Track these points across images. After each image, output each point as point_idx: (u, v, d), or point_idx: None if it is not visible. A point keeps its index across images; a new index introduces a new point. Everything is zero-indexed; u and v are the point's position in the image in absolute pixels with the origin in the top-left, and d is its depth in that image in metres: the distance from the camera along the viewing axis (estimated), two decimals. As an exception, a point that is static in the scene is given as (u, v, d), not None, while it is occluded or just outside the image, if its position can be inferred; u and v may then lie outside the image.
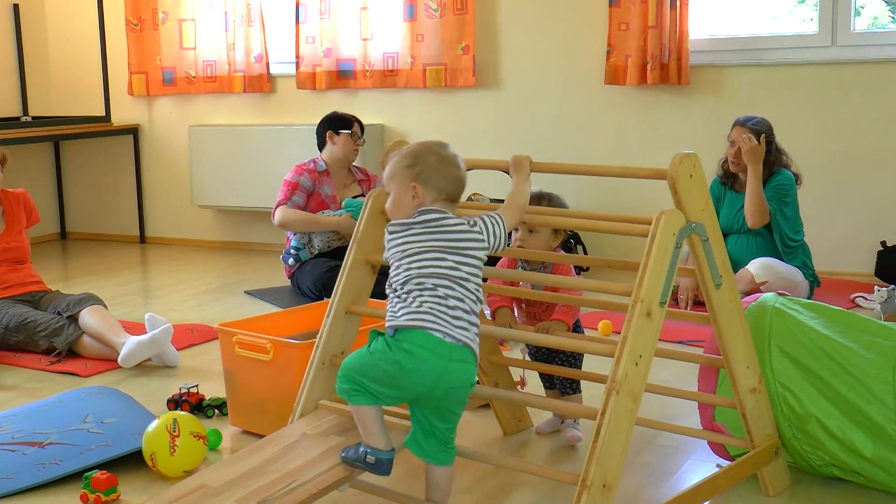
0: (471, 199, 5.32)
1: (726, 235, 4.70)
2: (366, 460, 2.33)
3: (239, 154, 6.44)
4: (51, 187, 7.19)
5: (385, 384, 2.28)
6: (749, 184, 4.62)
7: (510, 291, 2.89)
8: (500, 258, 2.92)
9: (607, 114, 5.73)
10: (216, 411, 3.33)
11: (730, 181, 4.84)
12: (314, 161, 5.12)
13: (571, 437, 3.01)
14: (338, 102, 6.13)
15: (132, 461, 2.87)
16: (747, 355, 2.52)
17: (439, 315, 2.25)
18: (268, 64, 6.44)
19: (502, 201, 2.52)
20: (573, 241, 5.51)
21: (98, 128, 6.79)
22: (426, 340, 2.24)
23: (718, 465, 2.78)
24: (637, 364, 2.20)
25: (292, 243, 5.06)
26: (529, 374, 3.11)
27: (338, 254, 4.88)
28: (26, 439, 2.94)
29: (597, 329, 4.22)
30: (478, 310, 2.32)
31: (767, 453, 2.61)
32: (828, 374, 2.58)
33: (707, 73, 5.51)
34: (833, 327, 2.67)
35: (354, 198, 5.06)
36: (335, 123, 5.13)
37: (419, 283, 2.28)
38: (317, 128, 5.18)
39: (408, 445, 2.37)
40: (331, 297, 2.71)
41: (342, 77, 6.22)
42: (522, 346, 3.10)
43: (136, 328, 4.16)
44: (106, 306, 4.21)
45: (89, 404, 3.18)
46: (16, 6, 6.88)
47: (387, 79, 6.11)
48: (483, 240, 2.34)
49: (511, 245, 2.91)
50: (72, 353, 4.04)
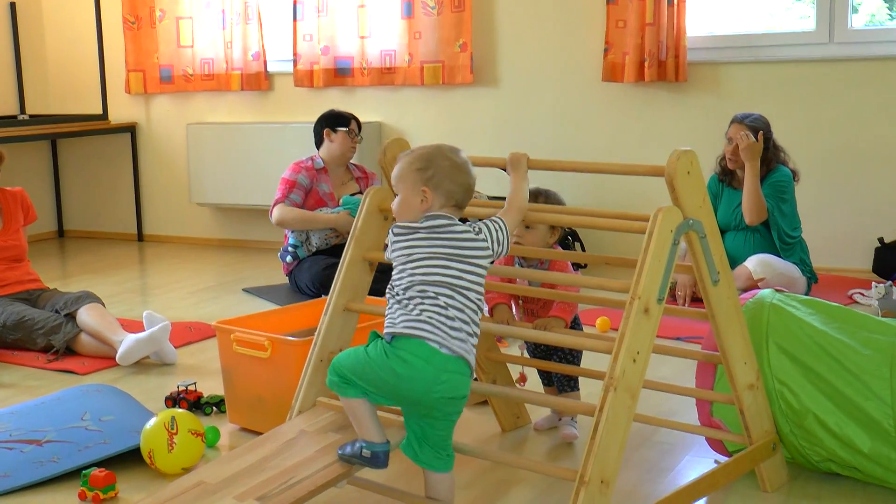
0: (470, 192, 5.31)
1: (724, 232, 4.71)
2: (361, 455, 2.34)
3: (237, 152, 6.44)
4: (48, 185, 7.19)
5: (378, 388, 2.29)
6: (747, 181, 4.62)
7: (508, 289, 2.89)
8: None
9: (605, 111, 5.73)
10: (214, 409, 3.33)
11: (727, 178, 4.84)
12: (312, 159, 5.13)
13: (567, 434, 3.02)
14: (335, 100, 6.13)
15: (130, 459, 2.87)
16: (745, 352, 2.53)
17: (437, 325, 2.24)
18: (265, 62, 6.44)
19: (500, 198, 2.52)
20: (571, 238, 5.51)
21: (95, 126, 6.79)
22: (422, 350, 2.23)
23: (716, 462, 2.79)
24: (635, 361, 2.20)
25: (290, 241, 5.07)
26: (528, 371, 3.11)
27: (335, 251, 4.88)
28: (24, 437, 2.94)
29: (595, 326, 4.22)
30: (478, 319, 2.31)
31: (765, 449, 2.62)
32: (825, 371, 2.59)
33: (704, 70, 5.51)
34: (830, 324, 2.67)
35: (352, 195, 5.07)
36: (332, 121, 5.13)
37: (421, 291, 2.26)
38: (314, 125, 5.18)
39: (404, 451, 2.37)
40: (328, 294, 2.71)
41: (340, 75, 6.22)
42: (521, 342, 3.10)
43: (133, 326, 4.16)
44: (104, 304, 4.21)
45: (87, 402, 3.18)
46: (13, 4, 6.87)
47: (384, 76, 6.10)
48: (487, 247, 2.33)
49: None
50: (69, 350, 4.04)
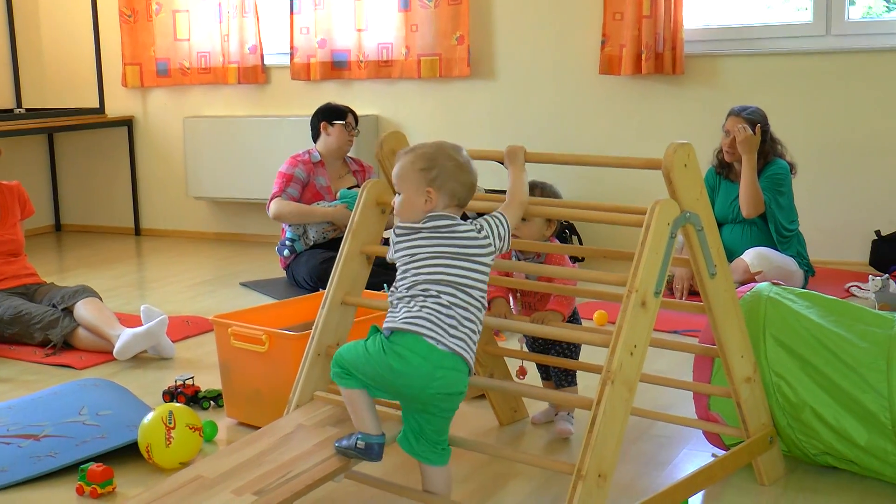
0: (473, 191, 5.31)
1: (721, 225, 4.71)
2: (356, 446, 2.34)
3: (233, 145, 6.43)
4: (45, 179, 7.17)
5: (376, 382, 2.30)
6: (744, 174, 4.62)
7: (505, 282, 2.89)
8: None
9: (602, 104, 5.72)
10: (212, 403, 3.33)
11: (725, 171, 4.83)
12: (309, 152, 5.12)
13: (562, 430, 3.01)
14: (332, 93, 6.12)
15: (128, 453, 2.87)
16: (742, 345, 2.53)
17: (436, 322, 2.24)
18: (262, 55, 6.43)
19: (497, 191, 2.52)
20: (568, 232, 5.51)
21: (92, 120, 6.77)
22: (418, 346, 2.23)
23: (713, 455, 2.79)
24: (632, 354, 2.20)
25: (287, 234, 5.06)
26: (527, 365, 3.11)
27: (333, 245, 4.87)
28: (22, 432, 2.94)
29: (592, 319, 4.22)
30: (482, 317, 2.31)
31: (762, 442, 2.62)
32: (822, 363, 2.59)
33: (701, 62, 5.51)
34: (827, 316, 2.67)
35: (349, 189, 5.06)
36: (329, 114, 5.12)
37: (424, 290, 2.26)
38: (311, 119, 5.17)
39: (400, 444, 2.38)
40: (326, 288, 2.71)
41: (337, 68, 6.21)
42: (520, 335, 3.10)
43: (131, 320, 4.16)
44: (101, 298, 4.20)
45: (85, 396, 3.18)
46: (9, -2, 6.86)
47: (381, 69, 6.10)
48: (490, 244, 2.33)
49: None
50: (67, 345, 4.04)
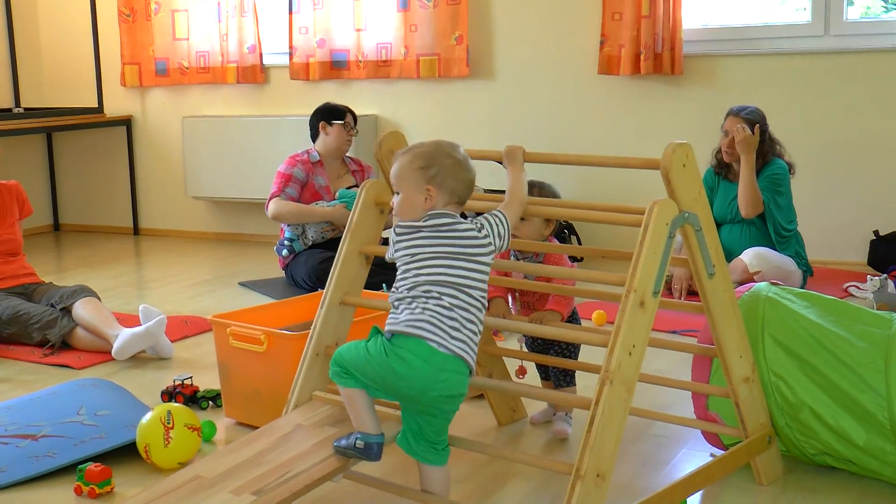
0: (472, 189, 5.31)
1: (720, 225, 4.71)
2: (355, 446, 2.33)
3: (232, 145, 6.43)
4: (43, 179, 7.17)
5: (377, 383, 2.29)
6: (742, 174, 4.62)
7: (504, 282, 2.89)
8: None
9: (601, 104, 5.72)
10: (210, 403, 3.33)
11: (723, 171, 4.83)
12: (308, 152, 5.12)
13: (559, 430, 3.01)
14: (331, 93, 6.12)
15: (126, 453, 2.87)
16: (741, 345, 2.53)
17: (438, 325, 2.23)
18: (261, 55, 6.42)
19: (497, 191, 2.52)
20: (567, 232, 5.51)
21: (91, 119, 6.77)
22: (421, 349, 2.23)
23: (712, 455, 2.79)
24: (631, 354, 2.20)
25: (286, 234, 5.06)
26: (526, 364, 3.11)
27: (332, 245, 4.87)
28: (20, 432, 2.94)
29: (591, 319, 4.22)
30: (483, 316, 2.31)
31: (761, 442, 2.62)
32: (820, 363, 2.59)
33: (700, 62, 5.51)
34: (826, 316, 2.67)
35: (348, 188, 5.06)
36: (328, 114, 5.12)
37: (426, 291, 2.26)
38: (310, 119, 5.17)
39: (399, 444, 2.38)
40: (325, 288, 2.70)
41: (336, 68, 6.21)
42: (520, 335, 3.10)
43: (129, 320, 4.16)
44: (99, 298, 4.20)
45: (83, 396, 3.18)
46: (7, -3, 6.86)
47: (380, 69, 6.09)
48: (490, 243, 2.32)
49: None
50: (65, 345, 4.03)
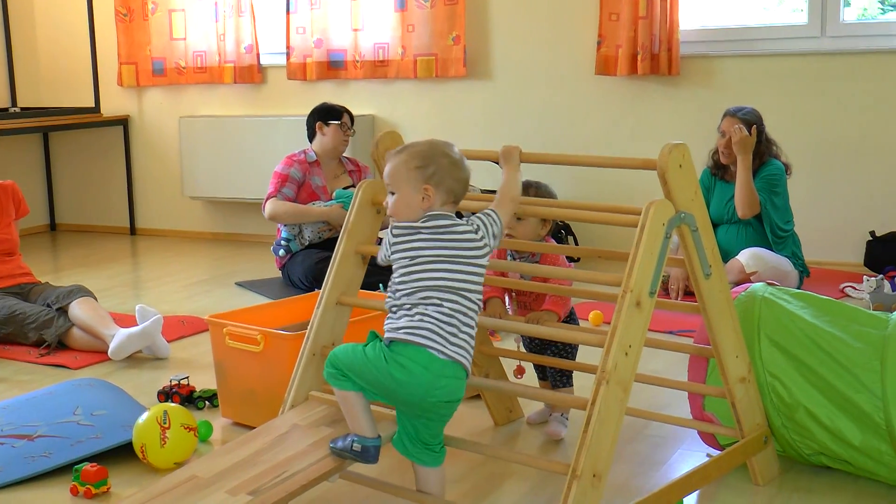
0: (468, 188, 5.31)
1: (716, 225, 4.71)
2: (352, 448, 2.33)
3: (229, 145, 6.42)
4: (40, 179, 7.16)
5: (375, 388, 2.28)
6: (739, 174, 4.62)
7: (501, 282, 2.89)
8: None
9: (598, 104, 5.73)
10: (207, 403, 3.33)
11: (720, 172, 4.84)
12: (304, 152, 5.12)
13: (552, 431, 3.00)
14: (328, 93, 6.12)
15: (122, 453, 2.87)
16: (737, 345, 2.53)
17: (438, 331, 2.23)
18: (258, 54, 6.42)
19: (493, 192, 2.51)
20: (564, 232, 5.51)
21: (88, 119, 6.76)
22: (421, 356, 2.22)
23: (708, 455, 2.79)
24: (627, 354, 2.20)
25: (283, 234, 5.06)
26: (524, 365, 3.11)
27: (328, 245, 4.87)
28: (16, 432, 2.93)
29: (587, 319, 4.22)
30: (477, 318, 2.31)
31: (757, 442, 2.62)
32: (816, 364, 2.59)
33: (697, 63, 5.51)
34: (822, 317, 2.67)
35: (345, 188, 5.06)
36: (325, 114, 5.12)
37: (426, 298, 2.24)
38: (307, 119, 5.17)
39: (395, 446, 2.38)
40: (321, 288, 2.70)
41: (333, 68, 6.21)
42: (517, 335, 3.09)
43: (126, 320, 4.15)
44: (96, 298, 4.20)
45: (79, 396, 3.18)
46: (4, -3, 6.85)
47: (377, 69, 6.09)
48: (486, 244, 2.32)
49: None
50: (61, 345, 4.03)
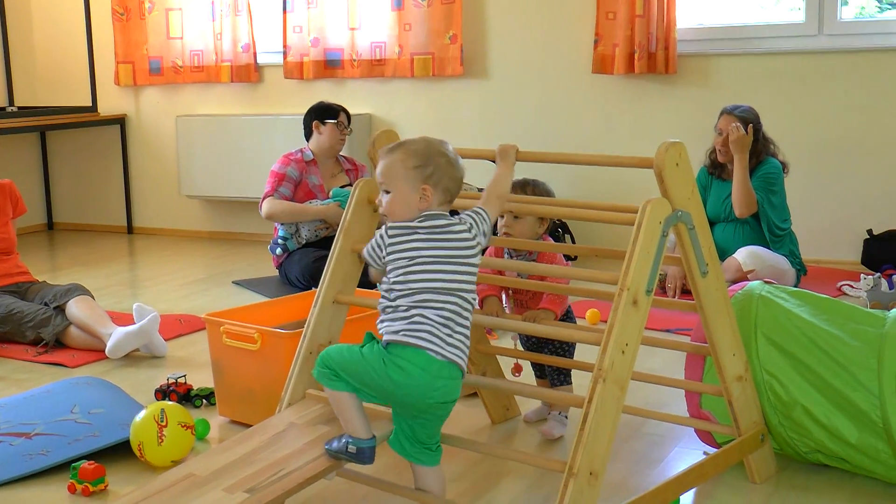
0: (462, 186, 5.31)
1: (713, 224, 4.71)
2: (347, 450, 2.32)
3: (226, 144, 6.42)
4: (37, 178, 7.16)
5: (372, 389, 2.27)
6: (736, 173, 4.62)
7: (498, 281, 2.89)
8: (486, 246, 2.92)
9: (595, 103, 5.73)
10: (204, 401, 3.33)
11: (717, 171, 4.84)
12: (301, 151, 5.12)
13: (547, 431, 2.99)
14: (325, 92, 6.11)
15: (120, 451, 2.87)
16: (734, 343, 2.53)
17: (435, 333, 2.22)
18: (255, 54, 6.42)
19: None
20: (561, 230, 5.51)
21: (85, 118, 6.76)
22: (419, 358, 2.22)
23: (705, 453, 2.79)
24: (623, 352, 2.20)
25: (280, 233, 5.06)
26: (521, 363, 3.11)
27: (325, 243, 4.87)
28: (13, 430, 2.93)
29: (584, 317, 4.23)
30: (471, 317, 2.30)
31: (754, 440, 2.62)
32: (814, 362, 2.60)
33: (694, 62, 5.51)
34: (819, 315, 2.67)
35: (342, 187, 5.06)
36: (321, 113, 5.12)
37: (424, 300, 2.23)
38: (304, 118, 5.18)
39: (392, 446, 2.37)
40: (318, 286, 2.70)
41: (330, 67, 6.21)
42: (514, 333, 3.09)
43: (123, 319, 4.15)
44: (93, 297, 4.20)
45: (77, 395, 3.18)
46: (1, -4, 6.85)
47: (374, 68, 6.09)
48: (479, 244, 2.31)
49: (497, 232, 2.91)
50: (59, 343, 4.03)
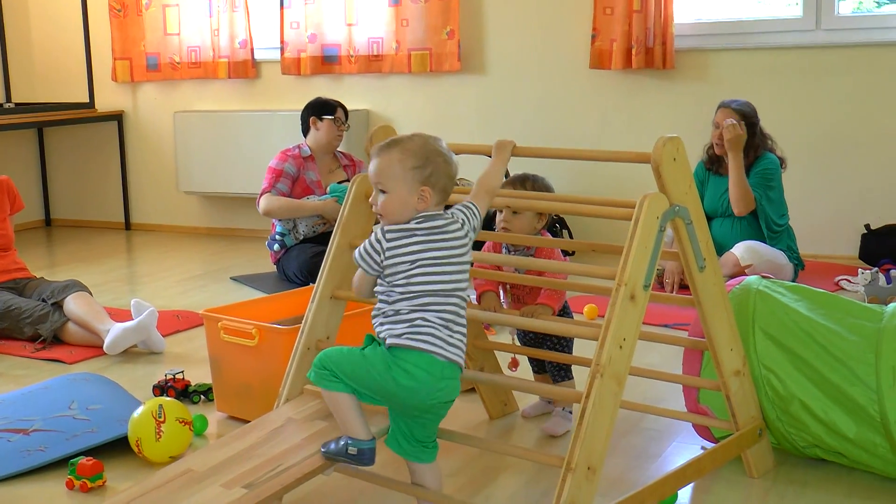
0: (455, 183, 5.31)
1: (711, 219, 4.72)
2: (348, 452, 2.30)
3: (224, 140, 6.42)
4: (35, 174, 7.15)
5: (373, 391, 2.26)
6: (731, 173, 4.62)
7: (495, 276, 2.89)
8: (484, 242, 2.92)
9: (592, 98, 5.72)
10: (202, 397, 3.33)
11: (714, 166, 4.84)
12: (299, 147, 5.12)
13: (548, 428, 2.99)
14: (323, 88, 6.11)
15: (118, 447, 2.87)
16: (731, 338, 2.53)
17: (437, 335, 2.22)
18: (252, 49, 6.41)
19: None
20: (559, 226, 5.51)
21: (82, 114, 6.75)
22: (424, 361, 2.21)
23: (703, 448, 2.80)
24: (621, 347, 2.20)
25: (277, 229, 5.06)
26: (519, 358, 3.11)
27: (323, 239, 4.87)
28: (11, 426, 2.93)
29: (582, 313, 4.23)
30: (465, 314, 2.30)
31: (751, 435, 2.63)
32: (811, 357, 2.60)
33: (692, 57, 5.51)
34: (817, 310, 2.68)
35: (339, 183, 5.06)
36: (319, 109, 5.11)
37: (426, 303, 2.22)
38: (301, 113, 5.17)
39: (389, 445, 2.37)
40: (316, 282, 2.70)
41: (327, 62, 6.20)
42: (512, 328, 3.09)
43: (121, 315, 4.15)
44: (91, 293, 4.20)
45: (75, 391, 3.18)
46: (-2, -8, 6.84)
47: (372, 64, 6.09)
48: (469, 239, 2.30)
49: (496, 227, 2.91)
50: (57, 339, 4.03)
